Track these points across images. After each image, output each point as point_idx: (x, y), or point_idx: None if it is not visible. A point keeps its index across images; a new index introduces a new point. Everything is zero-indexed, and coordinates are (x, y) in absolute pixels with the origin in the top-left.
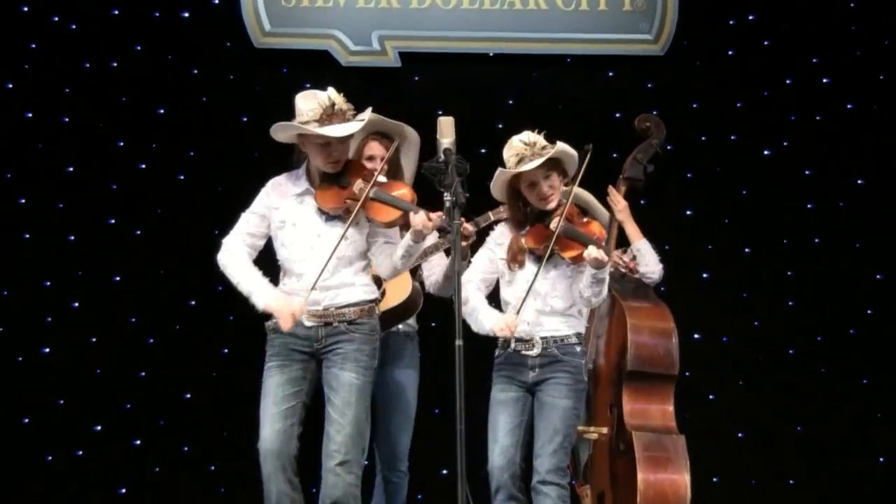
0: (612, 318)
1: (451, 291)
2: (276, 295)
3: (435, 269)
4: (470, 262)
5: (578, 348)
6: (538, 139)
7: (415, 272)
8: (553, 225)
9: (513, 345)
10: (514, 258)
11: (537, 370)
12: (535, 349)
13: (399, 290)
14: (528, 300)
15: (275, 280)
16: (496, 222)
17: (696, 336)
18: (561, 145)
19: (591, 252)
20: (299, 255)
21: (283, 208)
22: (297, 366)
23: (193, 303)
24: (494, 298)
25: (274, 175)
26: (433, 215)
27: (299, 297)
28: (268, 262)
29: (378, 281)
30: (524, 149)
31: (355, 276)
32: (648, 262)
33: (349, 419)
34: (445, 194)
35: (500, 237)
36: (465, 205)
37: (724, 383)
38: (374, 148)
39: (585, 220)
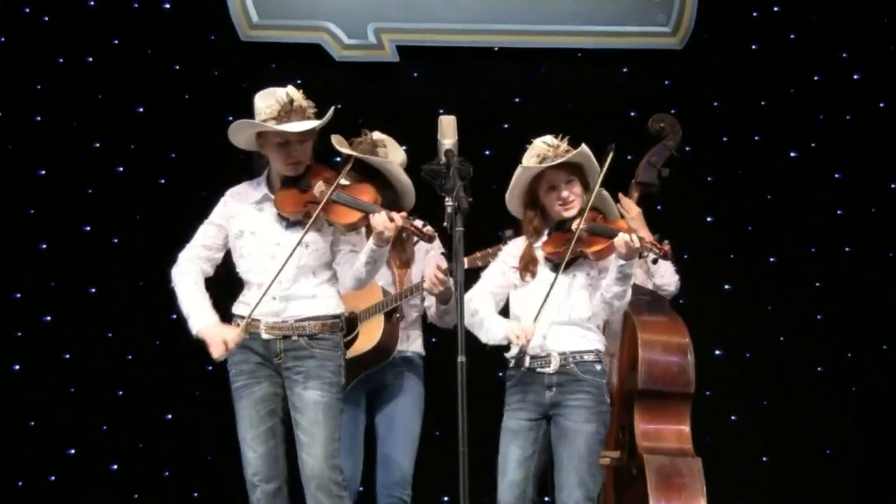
0: (625, 334)
1: (454, 321)
2: (211, 322)
3: (427, 305)
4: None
5: (598, 366)
6: (562, 143)
7: (391, 315)
8: (574, 226)
9: (527, 362)
10: (526, 267)
11: (554, 390)
12: (551, 366)
13: (370, 336)
14: (544, 308)
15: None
16: (482, 267)
17: (717, 352)
18: (586, 149)
19: (622, 238)
20: (258, 265)
21: (241, 216)
22: (264, 383)
23: (175, 317)
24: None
25: (227, 177)
26: (395, 215)
27: (231, 332)
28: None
29: (352, 323)
30: (547, 150)
31: (317, 288)
32: (664, 273)
33: (319, 440)
34: (447, 199)
35: (514, 248)
36: (467, 210)
37: (747, 403)
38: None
39: (611, 220)
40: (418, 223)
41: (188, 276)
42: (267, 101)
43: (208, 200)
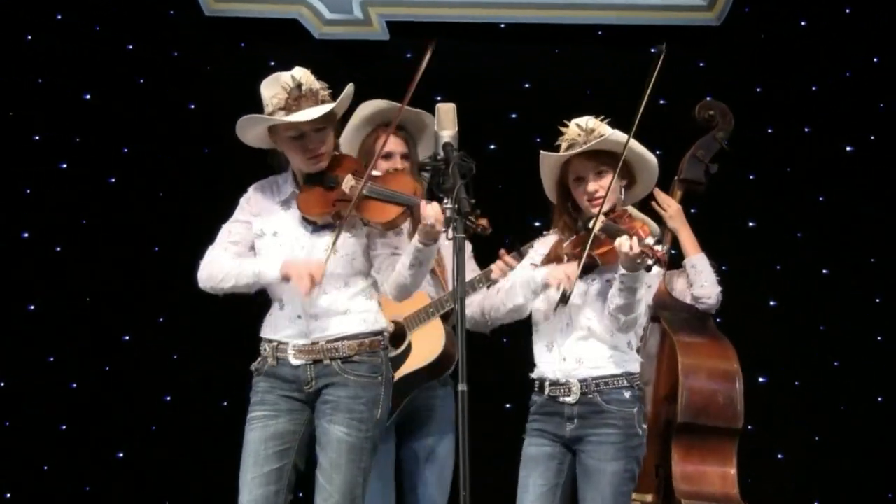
0: (662, 356)
1: (490, 326)
2: (284, 260)
3: (474, 298)
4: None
5: (628, 393)
6: (599, 126)
7: (448, 317)
8: (593, 223)
9: (547, 390)
10: (549, 265)
11: (576, 422)
12: (571, 395)
13: (429, 344)
14: (558, 319)
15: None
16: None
17: (760, 379)
18: (619, 135)
19: (619, 241)
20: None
21: (263, 216)
22: (285, 417)
23: (128, 338)
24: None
25: (228, 177)
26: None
27: (314, 264)
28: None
29: (398, 335)
30: (577, 134)
31: (351, 301)
32: (704, 283)
33: (338, 485)
34: (445, 200)
35: (542, 246)
36: (469, 214)
37: (796, 439)
38: (391, 143)
39: (636, 219)
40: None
41: (224, 258)
42: (272, 89)
43: (167, 202)
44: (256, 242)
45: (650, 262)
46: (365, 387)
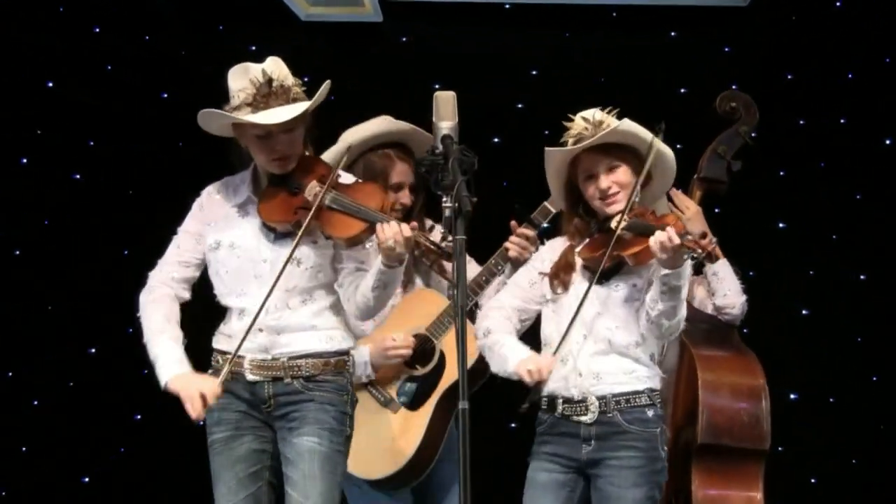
0: (681, 372)
1: None
2: (183, 371)
3: (491, 288)
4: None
5: (651, 412)
6: (607, 118)
7: (474, 313)
8: (615, 224)
9: (559, 408)
10: (558, 275)
11: (593, 444)
12: (588, 414)
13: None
14: (572, 331)
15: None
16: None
17: (791, 396)
18: (629, 124)
19: (657, 236)
20: (238, 286)
21: (218, 224)
22: (247, 437)
23: (94, 350)
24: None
25: (205, 173)
26: (406, 227)
27: (209, 383)
28: None
29: (426, 349)
30: (584, 128)
31: (316, 317)
32: (727, 292)
33: (315, 498)
34: (444, 198)
35: (549, 251)
36: (471, 213)
37: (831, 461)
38: (400, 172)
39: (662, 216)
40: (435, 236)
41: (160, 308)
42: (239, 81)
43: (137, 202)
44: (211, 256)
45: (696, 256)
46: (331, 402)
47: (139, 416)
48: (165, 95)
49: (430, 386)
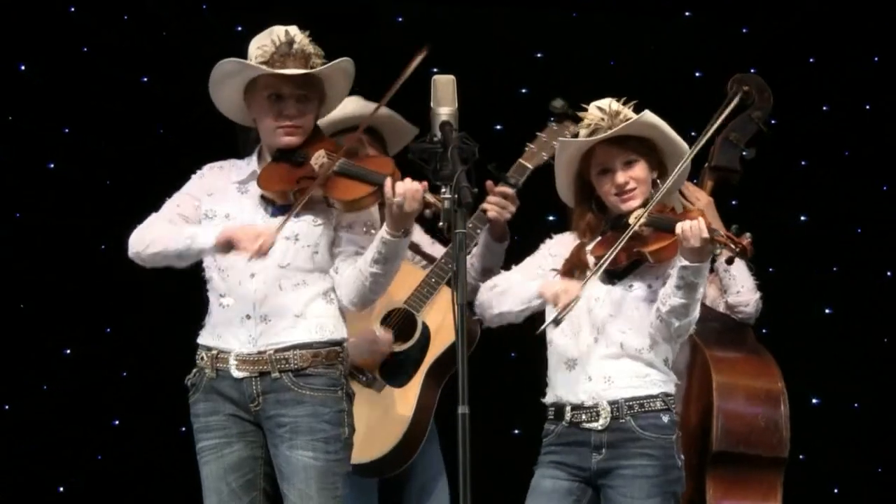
0: (693, 374)
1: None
2: (226, 223)
3: (471, 252)
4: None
5: (666, 417)
6: (624, 109)
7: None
8: (634, 218)
9: (568, 416)
10: (570, 272)
11: (604, 452)
12: (599, 420)
13: (450, 321)
14: (581, 333)
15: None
16: (539, 168)
17: (813, 401)
18: (651, 116)
19: (685, 224)
20: (229, 262)
21: (215, 196)
22: (239, 442)
23: (69, 352)
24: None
25: (187, 163)
26: (419, 184)
27: (263, 228)
28: None
29: (408, 323)
30: (600, 118)
31: (308, 304)
32: (741, 289)
33: None
34: (443, 189)
35: (558, 246)
36: (472, 205)
37: (855, 470)
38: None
39: (682, 213)
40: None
41: (158, 223)
42: (261, 41)
43: (115, 192)
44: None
45: (730, 251)
46: (324, 402)
47: (117, 422)
48: (146, 80)
49: (415, 361)
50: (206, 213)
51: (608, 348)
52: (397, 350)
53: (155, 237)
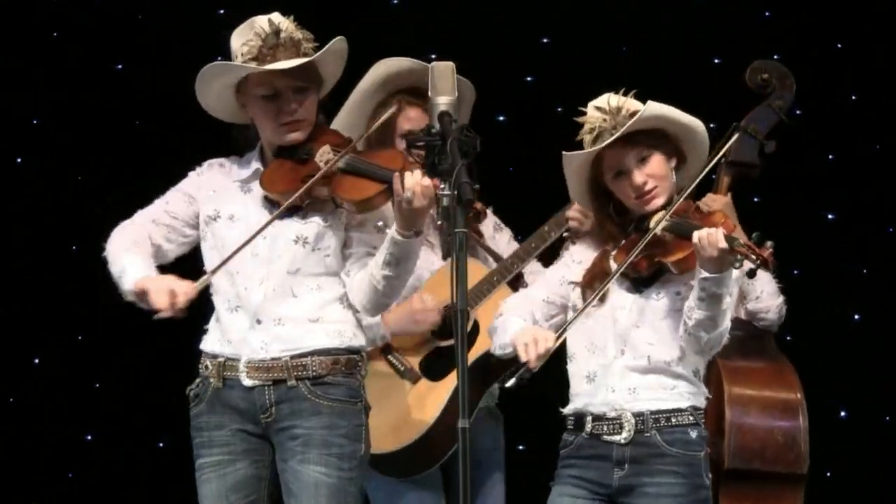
0: (707, 386)
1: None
2: (152, 273)
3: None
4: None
5: (694, 433)
6: (625, 103)
7: (517, 283)
8: (654, 222)
9: (588, 427)
10: (592, 283)
11: (626, 467)
12: (622, 433)
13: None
14: (607, 345)
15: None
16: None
17: (841, 414)
18: (655, 107)
19: (701, 234)
20: (235, 265)
21: (217, 194)
22: (244, 460)
23: (38, 361)
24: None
25: (166, 157)
26: (428, 178)
27: (182, 283)
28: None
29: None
30: (601, 119)
31: (323, 308)
32: (761, 294)
33: None
34: (442, 185)
35: (582, 252)
36: (473, 202)
37: (885, 487)
38: (415, 117)
39: (708, 212)
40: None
41: (127, 234)
42: (244, 36)
43: (87, 188)
44: (207, 229)
45: (751, 262)
46: (342, 414)
47: (89, 437)
48: (120, 67)
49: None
50: (210, 215)
51: (634, 360)
52: (442, 345)
53: (113, 250)
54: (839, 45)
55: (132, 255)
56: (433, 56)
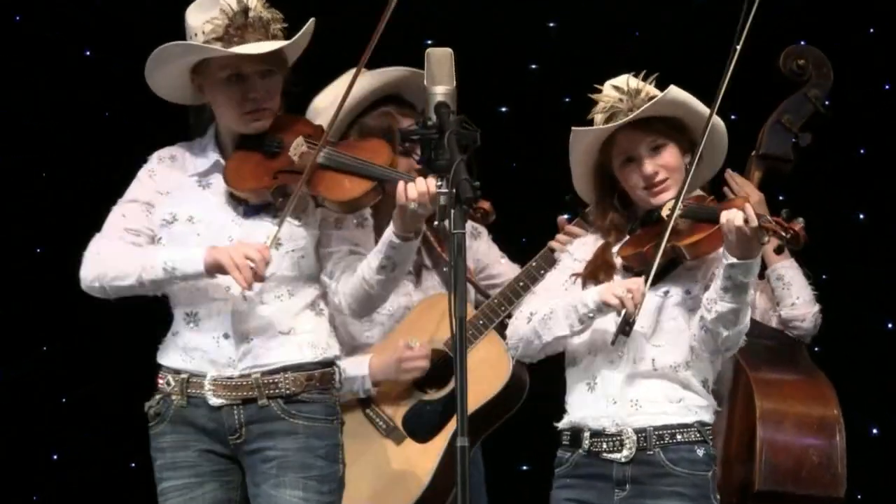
0: (735, 399)
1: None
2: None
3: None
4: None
5: (701, 450)
6: (644, 86)
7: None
8: (666, 212)
9: (586, 444)
10: (595, 275)
11: (628, 488)
12: (623, 450)
13: (491, 367)
14: (609, 348)
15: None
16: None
17: (873, 431)
18: (678, 92)
19: (729, 214)
20: None
21: (173, 195)
22: (213, 482)
23: (0, 374)
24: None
25: (138, 150)
26: (433, 181)
27: (257, 245)
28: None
29: (444, 365)
30: (617, 99)
31: (296, 317)
32: (797, 301)
33: None
34: (439, 183)
35: (581, 249)
36: (472, 200)
37: None
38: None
39: (725, 201)
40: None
41: (118, 246)
42: (207, 12)
43: (53, 186)
44: (163, 232)
45: (781, 239)
46: (320, 434)
47: (56, 456)
48: (89, 53)
49: (445, 415)
50: (166, 219)
51: (638, 366)
52: (426, 399)
53: (123, 268)
54: (871, 30)
55: (154, 250)
56: (429, 42)
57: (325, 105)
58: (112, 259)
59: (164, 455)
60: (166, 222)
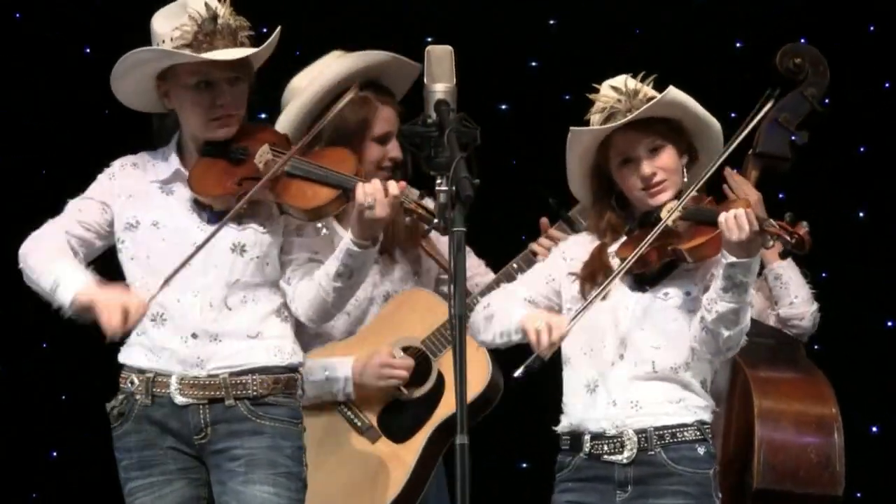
0: (733, 399)
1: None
2: (93, 282)
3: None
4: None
5: (702, 449)
6: (643, 87)
7: None
8: (667, 212)
9: (586, 446)
10: (593, 276)
11: (630, 489)
12: (624, 452)
13: (471, 372)
14: (603, 350)
15: None
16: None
17: (872, 429)
18: (676, 93)
19: (729, 215)
20: (159, 275)
21: (135, 199)
22: (181, 480)
23: None
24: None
25: (136, 146)
26: (393, 184)
27: (134, 298)
28: None
29: (423, 367)
30: (616, 100)
31: (263, 322)
32: (795, 300)
33: None
34: (438, 180)
35: (575, 248)
36: (472, 199)
37: None
38: (388, 118)
39: (725, 202)
40: (429, 202)
41: (46, 242)
42: (175, 19)
43: (50, 183)
44: (126, 237)
45: (785, 242)
46: (285, 435)
47: (55, 454)
48: (89, 51)
49: (422, 415)
50: (129, 223)
51: (637, 367)
52: (405, 398)
53: (34, 264)
54: (871, 28)
55: (63, 262)
56: (430, 39)
57: (304, 85)
58: (36, 252)
59: (131, 455)
60: (130, 226)
